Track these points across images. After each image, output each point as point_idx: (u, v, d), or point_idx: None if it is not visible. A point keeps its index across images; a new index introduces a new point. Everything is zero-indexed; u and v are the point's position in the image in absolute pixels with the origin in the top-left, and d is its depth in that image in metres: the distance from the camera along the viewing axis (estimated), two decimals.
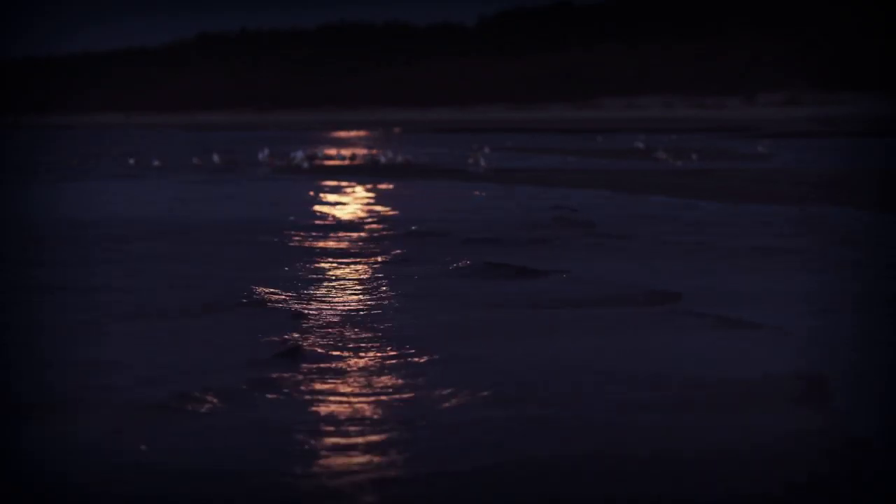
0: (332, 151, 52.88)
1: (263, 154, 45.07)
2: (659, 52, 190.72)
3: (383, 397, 6.82)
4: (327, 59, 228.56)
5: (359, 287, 11.03)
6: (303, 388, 7.05)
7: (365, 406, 6.64)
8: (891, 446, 5.87)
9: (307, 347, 8.09)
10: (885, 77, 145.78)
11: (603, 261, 12.53)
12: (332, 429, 6.18)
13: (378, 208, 20.86)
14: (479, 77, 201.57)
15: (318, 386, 7.10)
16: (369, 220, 18.49)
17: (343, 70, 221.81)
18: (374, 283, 11.22)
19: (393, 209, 20.41)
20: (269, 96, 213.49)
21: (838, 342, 8.21)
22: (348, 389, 7.02)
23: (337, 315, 9.45)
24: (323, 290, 10.83)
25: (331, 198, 23.74)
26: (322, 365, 7.63)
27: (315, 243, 15.02)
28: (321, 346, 8.21)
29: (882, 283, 10.95)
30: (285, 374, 7.34)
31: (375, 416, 6.42)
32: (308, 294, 10.59)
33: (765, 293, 10.17)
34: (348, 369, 7.53)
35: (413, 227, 16.52)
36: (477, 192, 24.14)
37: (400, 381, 7.17)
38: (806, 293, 10.25)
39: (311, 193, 25.06)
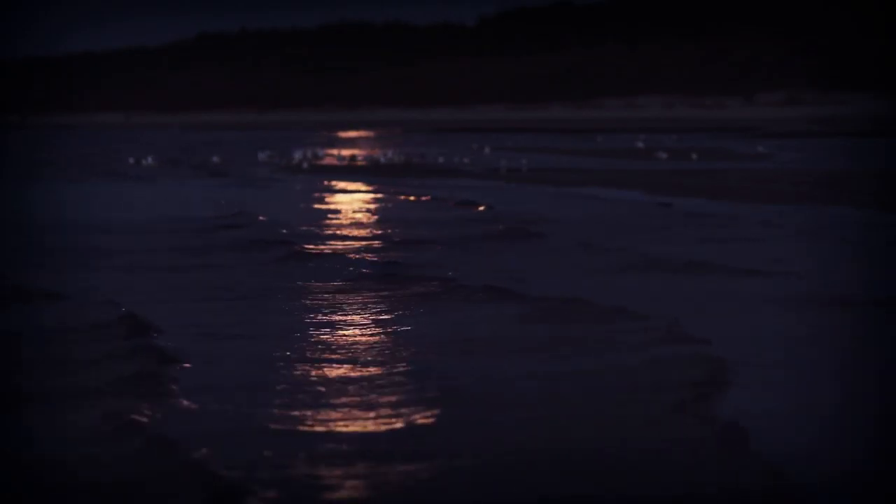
0: (333, 151, 52.89)
1: (264, 154, 45.08)
2: (659, 52, 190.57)
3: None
4: (327, 59, 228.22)
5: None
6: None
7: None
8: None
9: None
10: (885, 77, 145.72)
11: None
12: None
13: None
14: (479, 77, 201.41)
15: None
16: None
17: (343, 70, 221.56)
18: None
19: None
20: (269, 96, 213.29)
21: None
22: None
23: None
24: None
25: (331, 199, 23.75)
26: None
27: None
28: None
29: (880, 282, 10.98)
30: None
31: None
32: None
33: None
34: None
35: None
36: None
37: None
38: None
39: (310, 195, 25.08)
